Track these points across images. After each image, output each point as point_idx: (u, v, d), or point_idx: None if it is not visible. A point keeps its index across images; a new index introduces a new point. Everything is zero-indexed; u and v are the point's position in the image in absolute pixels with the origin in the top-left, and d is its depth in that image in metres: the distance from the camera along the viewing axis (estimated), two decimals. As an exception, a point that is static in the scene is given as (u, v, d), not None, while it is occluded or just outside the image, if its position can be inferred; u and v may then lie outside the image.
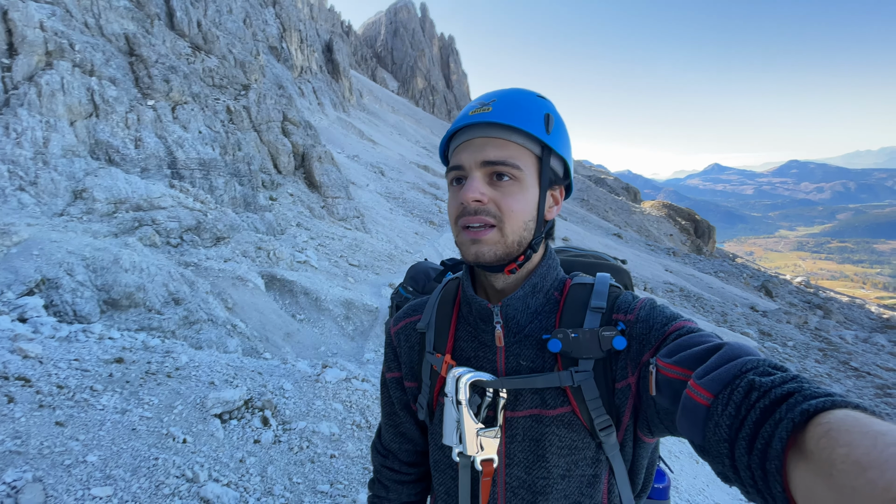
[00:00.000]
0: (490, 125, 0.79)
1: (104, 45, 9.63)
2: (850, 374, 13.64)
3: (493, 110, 0.79)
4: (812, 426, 0.44)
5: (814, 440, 0.42)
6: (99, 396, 2.89)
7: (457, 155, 0.82)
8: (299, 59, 30.48)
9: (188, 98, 10.84)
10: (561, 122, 0.84)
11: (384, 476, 1.09)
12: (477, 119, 0.79)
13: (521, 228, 0.79)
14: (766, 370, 0.54)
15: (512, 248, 0.80)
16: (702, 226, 50.44)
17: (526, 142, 0.79)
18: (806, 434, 0.44)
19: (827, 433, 0.41)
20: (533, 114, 0.80)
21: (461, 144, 0.82)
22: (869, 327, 23.85)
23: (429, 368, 0.92)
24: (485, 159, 0.78)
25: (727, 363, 0.57)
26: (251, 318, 6.82)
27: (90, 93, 8.56)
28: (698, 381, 0.58)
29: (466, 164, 0.80)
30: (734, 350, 0.59)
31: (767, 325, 18.84)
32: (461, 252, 0.83)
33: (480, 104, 0.81)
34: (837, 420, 0.42)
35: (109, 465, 2.39)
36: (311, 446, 3.25)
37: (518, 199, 0.78)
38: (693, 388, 0.58)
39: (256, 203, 11.25)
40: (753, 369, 0.55)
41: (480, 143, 0.79)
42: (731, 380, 0.55)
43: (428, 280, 1.80)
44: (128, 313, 5.37)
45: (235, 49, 15.04)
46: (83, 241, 5.82)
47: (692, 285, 24.17)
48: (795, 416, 0.45)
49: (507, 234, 0.79)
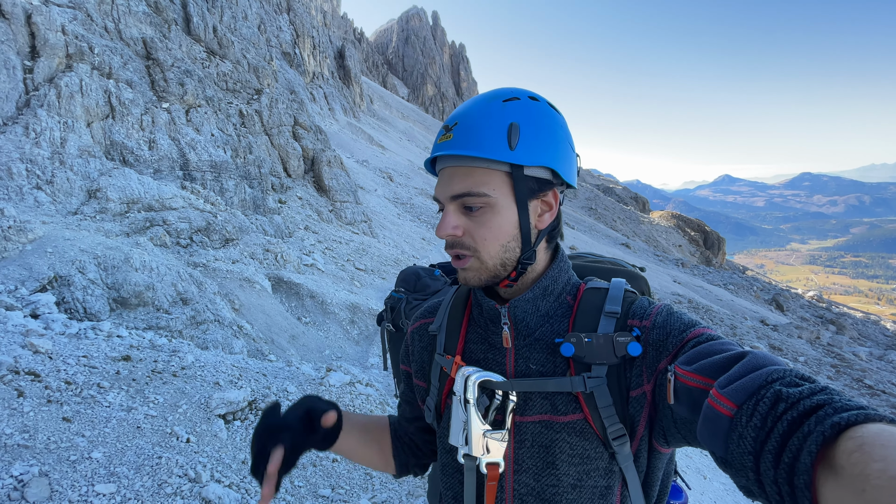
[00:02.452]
0: (451, 157, 0.79)
1: (122, 49, 9.83)
2: (865, 391, 13.35)
3: (454, 137, 0.77)
4: (843, 440, 0.42)
5: (845, 455, 0.40)
6: (105, 393, 2.91)
7: (436, 186, 0.83)
8: (311, 64, 30.88)
9: (202, 101, 11.01)
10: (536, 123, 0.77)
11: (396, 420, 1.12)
12: (439, 152, 0.79)
13: (499, 252, 0.79)
14: (792, 381, 0.53)
15: (496, 270, 0.80)
16: (711, 237, 49.98)
17: (490, 164, 0.76)
18: (837, 448, 0.42)
19: (860, 447, 0.40)
20: (494, 131, 0.75)
21: (439, 173, 0.83)
22: (884, 344, 23.37)
23: (438, 370, 0.92)
24: (452, 194, 0.78)
25: (752, 372, 0.55)
26: (257, 320, 6.86)
27: (107, 95, 8.73)
28: (721, 391, 0.56)
29: (441, 198, 0.81)
30: (759, 359, 0.57)
31: (778, 339, 18.55)
32: None
33: (445, 128, 0.80)
34: (871, 434, 0.40)
35: (114, 462, 2.41)
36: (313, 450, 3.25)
37: (490, 227, 0.77)
38: (715, 397, 0.56)
39: (265, 206, 11.35)
40: (780, 379, 0.53)
41: (448, 174, 0.79)
42: (756, 390, 0.53)
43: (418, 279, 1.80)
44: (136, 312, 5.43)
45: (249, 54, 15.28)
46: (96, 239, 5.91)
47: (701, 297, 23.90)
48: (826, 429, 0.43)
49: (485, 261, 0.79)
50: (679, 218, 53.47)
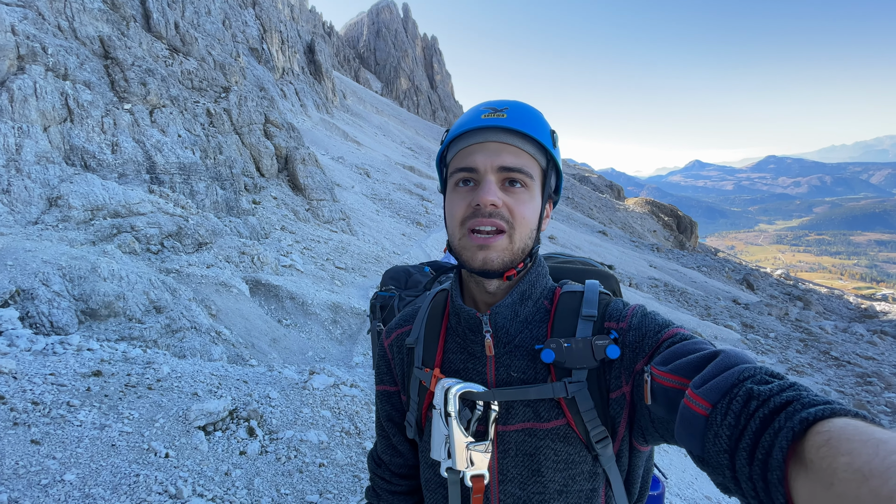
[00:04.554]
0: (506, 131, 0.79)
1: (78, 49, 9.37)
2: (831, 363, 13.98)
3: (509, 117, 0.79)
4: (811, 435, 0.43)
5: (814, 449, 0.42)
6: (76, 412, 2.79)
7: (467, 156, 0.80)
8: (281, 60, 30.13)
9: (166, 101, 10.62)
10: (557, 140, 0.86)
11: (378, 485, 1.07)
12: (492, 123, 0.79)
13: (526, 236, 0.80)
14: (763, 378, 0.54)
15: (517, 255, 0.80)
16: (684, 221, 51.28)
17: (536, 153, 0.81)
18: (805, 443, 0.43)
19: (827, 442, 0.41)
20: (543, 128, 0.81)
21: (471, 146, 0.80)
22: (847, 317, 24.49)
23: (417, 384, 0.90)
24: (502, 164, 0.78)
25: (724, 371, 0.57)
26: (236, 325, 6.71)
27: (64, 97, 8.32)
28: (696, 391, 0.57)
29: (481, 167, 0.78)
30: (731, 358, 0.59)
31: (750, 317, 19.23)
32: (463, 257, 0.81)
33: (492, 109, 0.81)
34: (838, 428, 0.41)
35: (88, 483, 2.31)
36: (299, 456, 3.20)
37: (528, 207, 0.79)
38: (691, 397, 0.57)
39: (239, 207, 11.07)
40: (751, 377, 0.54)
41: (495, 148, 0.79)
42: (729, 388, 0.54)
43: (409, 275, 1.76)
44: (107, 323, 5.23)
45: (215, 51, 14.79)
46: (59, 249, 5.65)
47: (676, 280, 24.54)
48: (795, 424, 0.45)
49: (515, 241, 0.79)
50: (653, 204, 54.63)
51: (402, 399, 0.97)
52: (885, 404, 10.71)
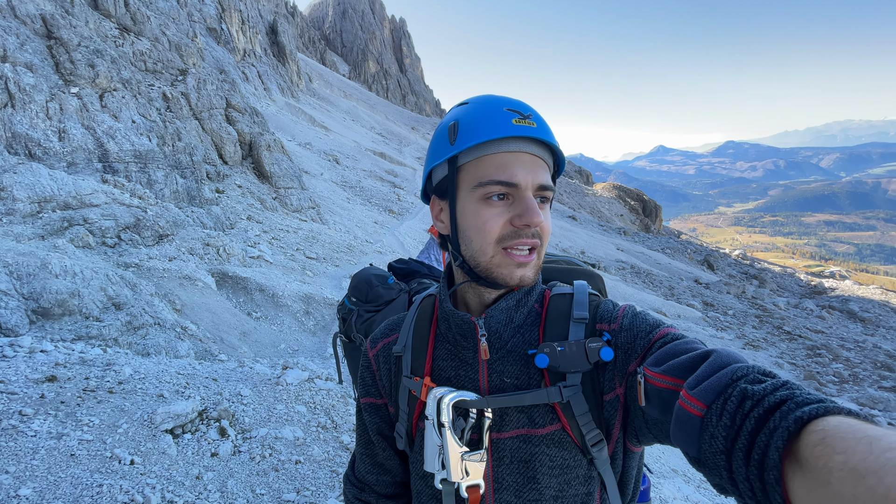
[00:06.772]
0: (536, 142, 0.76)
1: (18, 28, 8.64)
2: (784, 337, 14.83)
3: (538, 127, 0.75)
4: (806, 434, 0.43)
5: (809, 448, 0.42)
6: (30, 422, 2.62)
7: (502, 168, 0.73)
8: (241, 41, 28.82)
9: (118, 84, 9.97)
10: None
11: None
12: (526, 132, 0.74)
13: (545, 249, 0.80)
14: (756, 377, 0.54)
15: (540, 267, 0.80)
16: (649, 205, 52.81)
17: (549, 167, 0.79)
18: (801, 442, 0.43)
19: (822, 440, 0.41)
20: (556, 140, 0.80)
21: (502, 155, 0.73)
22: (799, 294, 26.00)
23: (406, 394, 0.86)
24: (541, 183, 0.75)
25: (718, 371, 0.57)
26: (203, 319, 6.47)
27: (4, 80, 7.69)
28: (690, 392, 0.57)
29: (522, 183, 0.73)
30: (723, 357, 0.58)
31: (710, 296, 20.11)
32: (494, 274, 0.76)
33: (520, 115, 0.74)
34: (832, 427, 0.42)
35: (46, 497, 2.18)
36: (274, 454, 3.12)
37: (550, 222, 0.78)
38: (685, 398, 0.57)
39: (202, 196, 10.62)
40: (744, 377, 0.55)
41: (530, 161, 0.75)
42: (723, 389, 0.54)
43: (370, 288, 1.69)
44: (61, 322, 4.93)
45: (169, 31, 13.97)
46: (4, 245, 5.26)
47: (642, 262, 25.33)
48: (790, 424, 0.45)
49: (541, 256, 0.79)
50: (620, 189, 55.92)
51: (391, 411, 0.92)
52: (833, 374, 11.47)
